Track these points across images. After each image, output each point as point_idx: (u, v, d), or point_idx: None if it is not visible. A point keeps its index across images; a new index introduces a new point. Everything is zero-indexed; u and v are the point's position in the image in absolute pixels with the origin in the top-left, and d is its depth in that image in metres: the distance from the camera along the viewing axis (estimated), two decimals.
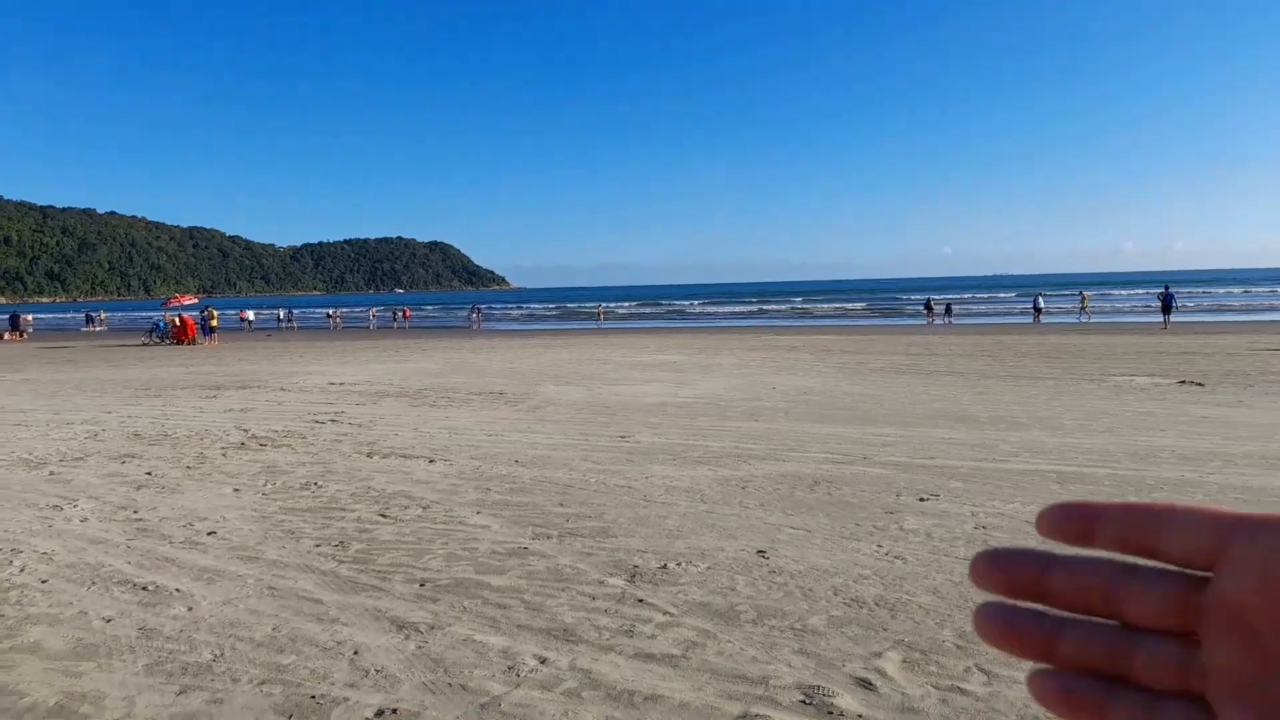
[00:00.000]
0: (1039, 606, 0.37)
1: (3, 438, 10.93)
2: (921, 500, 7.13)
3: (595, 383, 17.01)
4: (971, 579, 0.38)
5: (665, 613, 4.69)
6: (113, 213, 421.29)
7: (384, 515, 6.82)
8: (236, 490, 7.79)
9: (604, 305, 72.95)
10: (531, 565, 5.53)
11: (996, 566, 0.37)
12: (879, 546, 5.87)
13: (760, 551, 5.78)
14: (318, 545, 6.01)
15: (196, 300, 50.41)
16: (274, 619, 4.69)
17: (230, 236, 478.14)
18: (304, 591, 5.10)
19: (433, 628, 4.52)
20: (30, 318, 61.92)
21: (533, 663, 4.08)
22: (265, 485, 7.99)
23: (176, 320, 38.39)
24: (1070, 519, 0.36)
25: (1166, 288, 37.55)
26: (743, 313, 72.47)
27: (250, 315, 57.35)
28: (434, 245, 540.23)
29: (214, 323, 39.55)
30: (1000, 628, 0.37)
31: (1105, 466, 8.25)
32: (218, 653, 4.24)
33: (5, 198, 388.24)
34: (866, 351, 24.57)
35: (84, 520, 6.75)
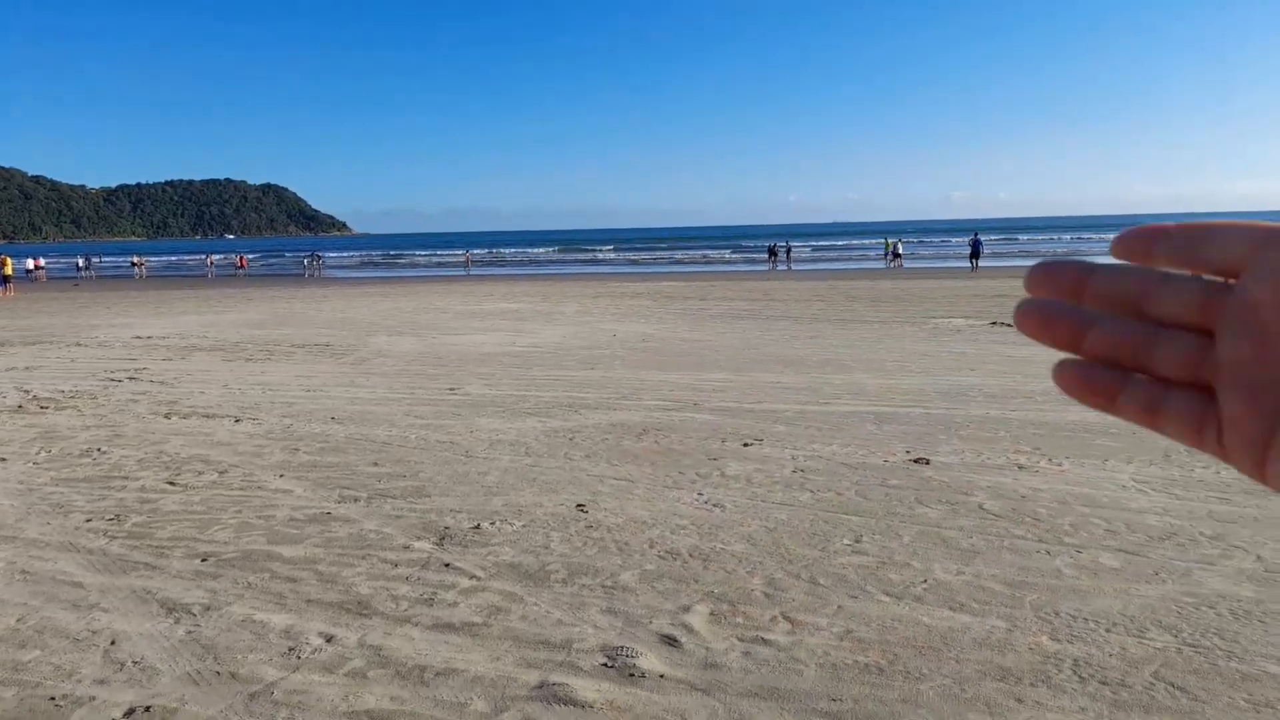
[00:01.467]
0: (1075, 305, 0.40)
1: None
2: (745, 446, 7.17)
3: (431, 332, 16.38)
4: (1025, 285, 0.41)
5: (472, 577, 4.44)
6: None
7: (172, 483, 6.20)
8: (3, 460, 6.92)
9: (470, 252, 69.19)
10: (332, 532, 5.14)
11: (1044, 269, 0.41)
12: (699, 495, 5.82)
13: (580, 505, 5.61)
14: (89, 520, 5.38)
15: None
16: (20, 608, 4.13)
17: (33, 177, 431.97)
18: (62, 574, 4.53)
19: (208, 609, 4.09)
20: None
21: (317, 642, 3.74)
22: (39, 454, 7.13)
23: None
24: (1138, 237, 0.38)
25: (975, 234, 40.22)
26: (585, 259, 72.20)
27: (39, 264, 51.84)
28: (267, 188, 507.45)
29: (8, 271, 35.65)
30: (1036, 318, 0.40)
31: (920, 406, 8.58)
32: None
33: None
34: (708, 297, 24.90)
35: None
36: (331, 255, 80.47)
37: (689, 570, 4.51)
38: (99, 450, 7.18)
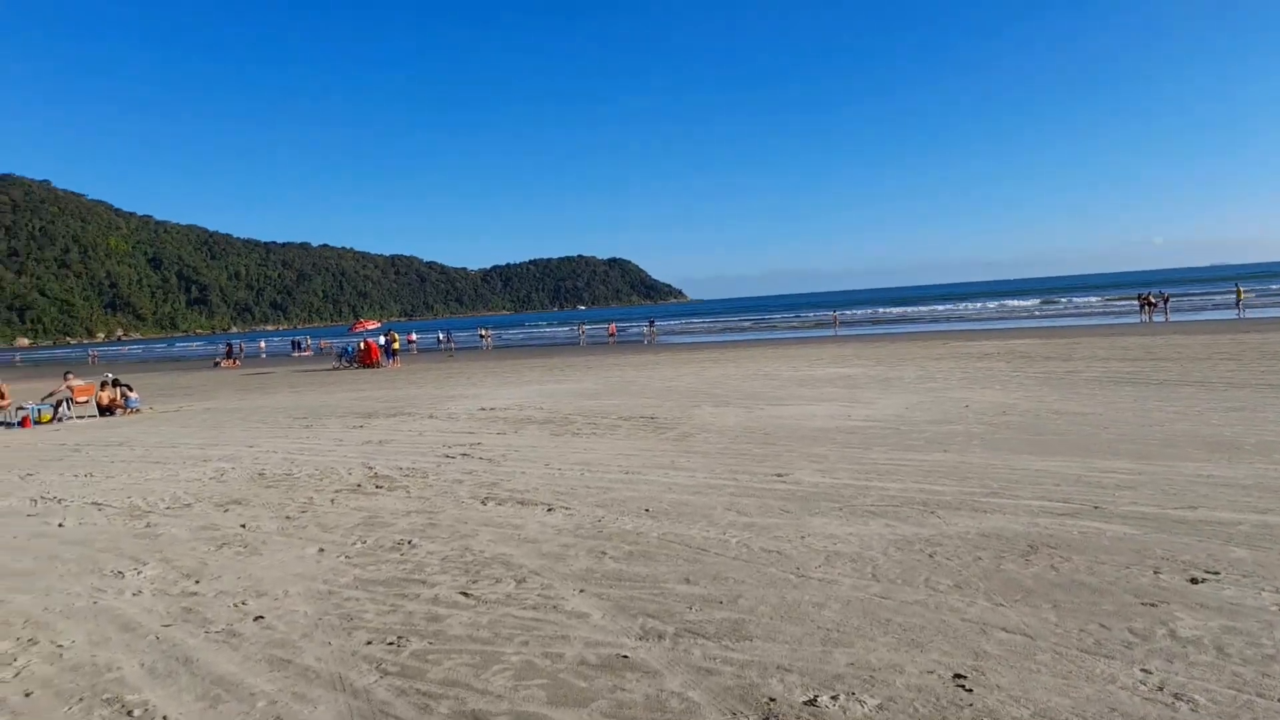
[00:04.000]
0: None
1: (133, 478, 10.66)
2: (1193, 582, 5.02)
3: (757, 403, 15.29)
4: None
5: None
6: (325, 245, 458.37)
7: (466, 595, 5.50)
8: (321, 550, 6.76)
9: (837, 313, 64.45)
10: (626, 690, 4.00)
11: None
12: (1144, 673, 3.90)
13: (958, 676, 3.97)
14: (369, 643, 4.75)
15: (379, 325, 52.65)
16: None
17: (427, 262, 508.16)
18: None
19: None
20: (263, 344, 69.00)
21: None
22: (355, 544, 6.92)
23: (361, 345, 39.92)
24: None
25: None
26: (924, 316, 67.98)
27: (412, 338, 59.22)
28: (613, 262, 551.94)
29: (395, 346, 40.86)
30: None
31: None
32: None
33: (235, 237, 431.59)
34: (1074, 357, 21.38)
35: (136, 594, 5.87)
36: (665, 323, 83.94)
37: None
38: (409, 544, 6.80)
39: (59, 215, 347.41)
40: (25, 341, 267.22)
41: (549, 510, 7.75)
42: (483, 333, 64.69)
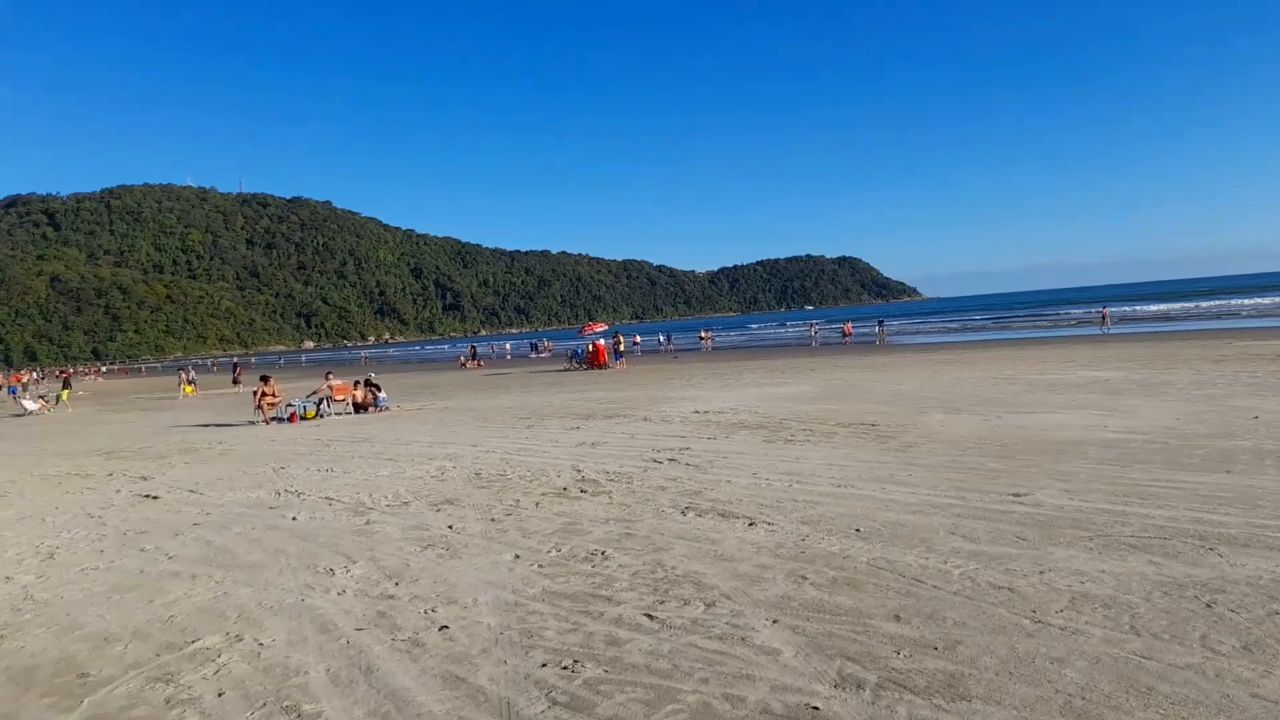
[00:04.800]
0: None
1: (365, 475, 11.32)
2: None
3: (994, 410, 13.86)
4: None
5: None
6: (564, 252, 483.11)
7: (651, 616, 5.13)
8: (517, 557, 6.67)
9: (1106, 308, 54.31)
10: None
11: None
12: None
13: None
14: (545, 664, 4.49)
15: (607, 327, 54.21)
16: None
17: (657, 266, 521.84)
18: None
19: None
20: (508, 345, 75.09)
21: None
22: (550, 551, 6.77)
23: (590, 347, 41.25)
24: None
25: None
26: (1203, 312, 60.08)
27: (635, 340, 60.19)
28: (842, 260, 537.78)
29: (621, 348, 41.86)
30: None
31: None
32: None
33: (484, 246, 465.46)
34: None
35: (341, 593, 6.03)
36: (897, 323, 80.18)
37: None
38: (602, 554, 6.56)
39: (338, 232, 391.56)
40: (310, 344, 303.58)
41: (750, 525, 7.24)
42: (703, 335, 64.89)
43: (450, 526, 7.87)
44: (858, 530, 6.83)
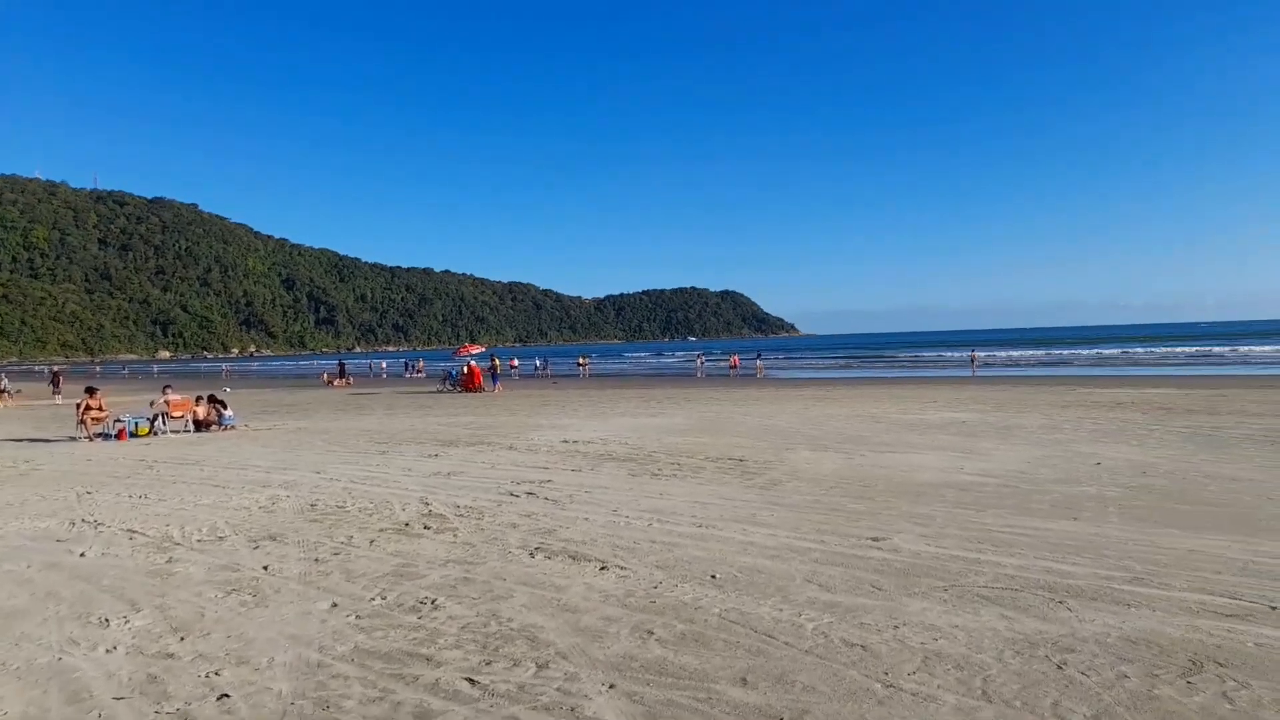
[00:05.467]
0: None
1: (184, 503, 10.23)
2: None
3: (859, 448, 13.94)
4: None
5: None
6: (447, 271, 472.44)
7: (473, 680, 4.57)
8: (334, 605, 5.97)
9: (975, 352, 59.37)
10: None
11: None
12: None
13: None
14: None
15: (483, 350, 53.06)
16: None
17: (543, 290, 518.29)
18: None
19: None
20: (384, 364, 73.45)
21: None
22: (374, 599, 6.10)
23: (465, 369, 40.08)
24: None
25: None
26: (1051, 359, 63.99)
27: (514, 364, 59.38)
28: (725, 294, 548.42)
29: (498, 371, 40.90)
30: None
31: None
32: None
33: (363, 260, 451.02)
34: (1220, 410, 19.05)
35: (109, 650, 5.16)
36: (774, 357, 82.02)
37: None
38: (432, 604, 5.94)
39: (203, 236, 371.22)
40: (166, 354, 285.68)
41: (602, 569, 6.77)
42: (581, 360, 64.56)
43: (265, 567, 7.04)
44: (714, 577, 6.47)
